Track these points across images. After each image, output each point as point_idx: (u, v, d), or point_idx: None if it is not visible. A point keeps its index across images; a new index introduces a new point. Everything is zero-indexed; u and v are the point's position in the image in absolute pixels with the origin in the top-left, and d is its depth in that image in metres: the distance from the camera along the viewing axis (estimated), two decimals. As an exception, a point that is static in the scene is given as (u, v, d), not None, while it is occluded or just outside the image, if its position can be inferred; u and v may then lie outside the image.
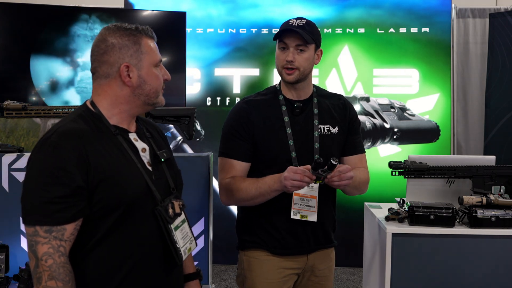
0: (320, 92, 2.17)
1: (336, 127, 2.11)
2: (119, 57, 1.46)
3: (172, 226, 1.50)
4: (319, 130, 2.08)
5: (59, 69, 3.95)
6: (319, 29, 2.10)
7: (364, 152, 2.20)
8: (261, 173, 2.03)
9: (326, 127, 2.09)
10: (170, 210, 1.51)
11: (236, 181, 2.01)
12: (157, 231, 1.49)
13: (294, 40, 2.00)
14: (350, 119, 2.16)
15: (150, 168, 1.52)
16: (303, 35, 1.97)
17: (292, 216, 2.00)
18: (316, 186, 2.01)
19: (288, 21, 2.05)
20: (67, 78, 3.99)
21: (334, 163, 1.83)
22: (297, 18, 2.05)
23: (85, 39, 3.96)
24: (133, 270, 1.45)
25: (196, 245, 1.66)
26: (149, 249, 1.48)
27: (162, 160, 1.56)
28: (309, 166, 1.87)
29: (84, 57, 3.98)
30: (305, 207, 2.01)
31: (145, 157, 1.53)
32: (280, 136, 2.04)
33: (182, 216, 1.57)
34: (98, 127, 1.46)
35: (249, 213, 2.11)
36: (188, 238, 1.57)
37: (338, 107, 2.15)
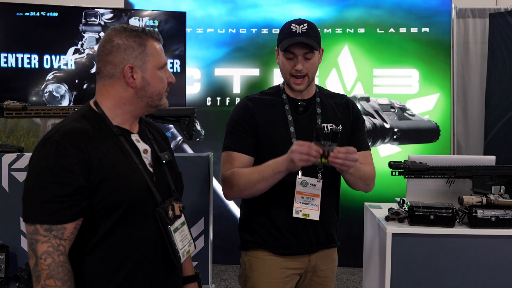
0: (323, 92, 2.17)
1: (340, 126, 2.11)
2: (123, 58, 1.46)
3: (172, 228, 1.50)
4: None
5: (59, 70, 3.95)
6: (318, 29, 2.09)
7: (369, 149, 2.18)
8: None
9: (330, 126, 2.09)
10: (170, 212, 1.51)
11: (237, 170, 1.98)
12: (157, 232, 1.49)
13: (301, 49, 1.98)
14: (353, 117, 2.15)
15: (151, 169, 1.52)
16: (311, 44, 1.96)
17: (294, 215, 1.99)
18: (319, 184, 2.00)
19: (290, 26, 2.00)
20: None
21: (336, 131, 1.79)
22: (298, 22, 2.00)
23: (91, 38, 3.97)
24: (132, 271, 1.45)
25: (195, 247, 1.66)
26: (149, 251, 1.48)
27: (164, 162, 1.56)
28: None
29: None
30: (307, 205, 2.00)
31: (147, 158, 1.53)
32: (283, 134, 2.03)
33: (182, 218, 1.57)
34: (100, 127, 1.46)
35: (251, 212, 2.11)
36: (187, 240, 1.57)
37: (342, 106, 2.15)
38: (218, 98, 4.78)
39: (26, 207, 1.37)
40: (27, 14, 3.87)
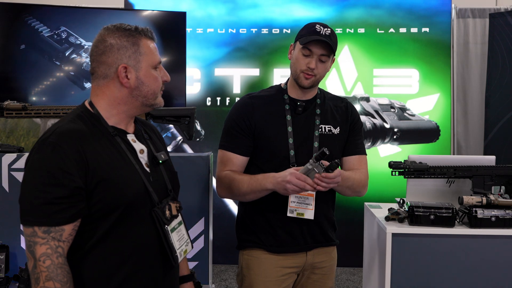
0: (324, 94, 2.19)
1: (338, 127, 2.13)
2: (117, 58, 1.46)
3: (169, 228, 1.50)
4: (320, 129, 2.08)
5: (59, 70, 3.95)
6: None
7: (365, 154, 2.19)
8: (259, 167, 2.05)
9: (328, 127, 2.10)
10: (167, 212, 1.51)
11: (231, 176, 2.03)
12: (154, 232, 1.49)
13: (320, 49, 2.00)
14: (352, 121, 2.17)
15: (148, 169, 1.52)
16: (332, 45, 1.99)
17: (289, 214, 2.01)
18: None
19: (315, 27, 2.03)
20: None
21: (335, 163, 1.83)
22: (323, 25, 2.04)
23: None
24: (130, 272, 1.45)
25: (192, 247, 1.65)
26: (146, 251, 1.48)
27: (160, 161, 1.56)
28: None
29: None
30: (302, 205, 2.01)
31: (143, 158, 1.53)
32: (280, 133, 2.05)
33: (179, 218, 1.57)
34: (96, 128, 1.46)
35: (247, 211, 2.12)
36: (184, 240, 1.57)
37: (341, 109, 2.17)
38: (218, 98, 4.78)
39: (23, 209, 1.36)
40: (27, 14, 3.87)
